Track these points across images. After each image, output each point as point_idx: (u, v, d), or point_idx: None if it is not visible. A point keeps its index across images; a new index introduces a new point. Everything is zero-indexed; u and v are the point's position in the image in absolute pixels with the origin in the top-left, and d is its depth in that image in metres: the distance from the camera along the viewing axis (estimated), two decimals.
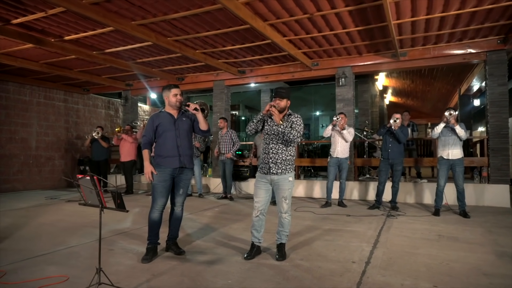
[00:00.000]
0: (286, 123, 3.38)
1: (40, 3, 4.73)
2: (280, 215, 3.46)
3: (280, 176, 3.38)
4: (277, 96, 3.37)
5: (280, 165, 3.38)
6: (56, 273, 3.04)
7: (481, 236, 4.28)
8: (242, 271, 3.11)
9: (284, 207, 3.42)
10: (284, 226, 3.46)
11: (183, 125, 3.56)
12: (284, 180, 3.38)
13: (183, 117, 3.60)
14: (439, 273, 3.03)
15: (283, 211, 3.43)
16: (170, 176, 3.47)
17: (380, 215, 5.59)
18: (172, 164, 3.45)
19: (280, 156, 3.39)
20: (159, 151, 3.51)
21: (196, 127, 3.62)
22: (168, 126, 3.49)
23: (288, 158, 3.42)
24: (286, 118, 3.42)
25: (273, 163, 3.39)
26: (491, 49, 6.50)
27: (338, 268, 3.17)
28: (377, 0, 4.56)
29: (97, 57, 7.16)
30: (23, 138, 9.34)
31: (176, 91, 3.53)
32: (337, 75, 7.73)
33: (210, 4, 4.76)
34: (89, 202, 2.49)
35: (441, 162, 5.54)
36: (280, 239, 3.48)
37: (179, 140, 3.49)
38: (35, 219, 5.39)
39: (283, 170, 3.38)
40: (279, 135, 3.39)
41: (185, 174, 3.57)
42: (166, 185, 3.46)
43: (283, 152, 3.40)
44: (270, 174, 3.40)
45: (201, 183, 7.98)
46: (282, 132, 3.36)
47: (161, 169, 3.44)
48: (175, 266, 3.23)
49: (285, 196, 3.40)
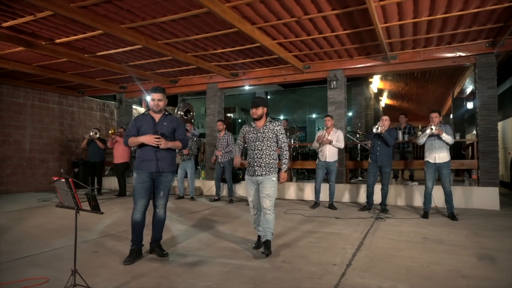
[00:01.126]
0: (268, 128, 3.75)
1: (29, 7, 4.76)
2: (264, 211, 3.68)
3: (264, 177, 3.69)
4: (254, 106, 3.72)
5: (264, 167, 3.70)
6: (37, 275, 3.05)
7: (465, 238, 4.29)
8: (223, 273, 3.13)
9: (267, 203, 3.65)
10: (268, 223, 3.66)
11: (163, 129, 3.53)
12: (268, 179, 3.69)
13: (164, 121, 3.57)
14: (419, 275, 3.05)
15: (266, 207, 3.65)
16: (148, 178, 3.49)
17: (369, 218, 5.60)
18: (149, 168, 3.46)
19: (264, 160, 3.71)
20: (138, 153, 3.53)
21: (177, 136, 3.63)
22: (147, 129, 3.49)
23: (271, 161, 3.73)
24: (268, 124, 3.76)
25: (258, 166, 3.71)
26: (480, 52, 6.53)
27: (319, 270, 3.18)
28: (363, 4, 4.59)
29: (89, 60, 7.19)
30: (17, 140, 9.36)
31: (156, 95, 3.49)
32: (329, 78, 7.77)
33: (197, 7, 4.79)
34: (65, 204, 2.50)
35: (427, 165, 5.57)
36: (266, 236, 3.68)
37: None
38: (23, 222, 5.40)
39: (266, 172, 3.70)
40: (264, 142, 3.72)
41: (164, 177, 3.56)
42: (145, 187, 3.47)
43: (266, 157, 3.72)
44: (256, 176, 3.72)
45: (193, 185, 7.99)
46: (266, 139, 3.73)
47: (140, 171, 3.48)
48: (156, 268, 3.24)
49: (268, 193, 3.66)
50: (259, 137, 3.73)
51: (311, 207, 6.53)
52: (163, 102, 3.53)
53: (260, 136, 3.73)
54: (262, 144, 3.71)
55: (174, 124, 3.62)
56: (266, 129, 3.74)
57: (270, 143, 3.73)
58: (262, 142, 3.71)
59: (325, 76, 7.85)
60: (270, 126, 3.75)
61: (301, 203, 7.19)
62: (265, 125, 3.75)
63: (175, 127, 3.63)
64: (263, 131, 3.74)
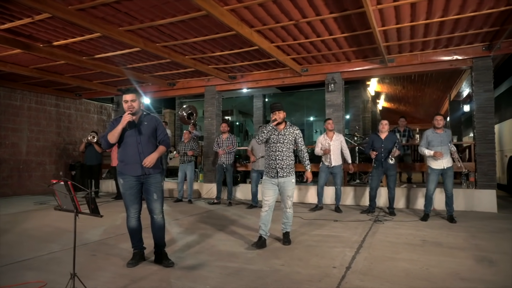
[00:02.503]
0: (288, 131, 4.02)
1: (26, 9, 4.74)
2: (285, 210, 4.11)
3: (286, 179, 3.98)
4: (276, 110, 3.96)
5: (285, 169, 3.97)
6: (35, 278, 3.03)
7: (463, 241, 4.30)
8: (222, 276, 3.12)
9: (288, 204, 4.07)
10: (288, 218, 4.13)
11: (145, 130, 3.35)
12: (289, 181, 4.00)
13: (144, 121, 3.38)
14: (417, 278, 3.05)
15: (288, 207, 4.09)
16: (136, 182, 3.32)
17: (367, 220, 5.61)
18: (134, 172, 3.29)
19: (285, 162, 3.98)
20: (121, 157, 3.36)
21: (159, 135, 3.44)
22: (129, 131, 3.29)
23: (291, 163, 4.04)
24: (288, 127, 4.04)
25: (280, 168, 3.96)
26: (477, 55, 6.58)
27: (318, 273, 3.17)
28: (361, 7, 4.62)
29: (87, 63, 7.17)
30: (14, 143, 9.30)
31: (128, 97, 3.24)
32: (327, 81, 7.79)
33: (195, 10, 4.79)
34: (64, 207, 2.49)
35: (432, 169, 5.54)
36: (285, 228, 4.18)
37: (140, 146, 3.30)
38: (20, 225, 5.36)
39: (287, 173, 3.98)
40: (284, 144, 3.97)
41: (153, 178, 3.36)
42: (133, 192, 3.32)
43: (287, 159, 3.99)
44: (278, 178, 3.97)
45: (192, 188, 7.95)
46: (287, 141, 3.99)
47: (125, 177, 3.30)
48: (155, 272, 3.22)
49: (290, 195, 4.04)
50: (280, 139, 3.98)
51: (311, 210, 6.51)
52: (137, 103, 3.28)
53: (281, 138, 3.98)
54: (283, 146, 3.96)
55: (153, 123, 3.42)
56: (287, 132, 4.01)
57: (290, 145, 4.01)
58: (283, 144, 3.97)
59: (323, 79, 7.87)
60: (290, 130, 4.03)
61: (301, 206, 7.17)
62: (285, 128, 4.03)
63: (156, 126, 3.43)
64: (284, 133, 4.00)
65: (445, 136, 5.52)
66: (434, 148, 5.49)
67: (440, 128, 5.52)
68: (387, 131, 6.10)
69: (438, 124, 5.51)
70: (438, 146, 5.47)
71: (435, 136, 5.53)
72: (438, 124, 5.51)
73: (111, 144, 3.27)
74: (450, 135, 5.62)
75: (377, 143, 6.03)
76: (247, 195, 8.17)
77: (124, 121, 3.19)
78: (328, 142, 6.45)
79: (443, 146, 5.46)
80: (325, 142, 6.48)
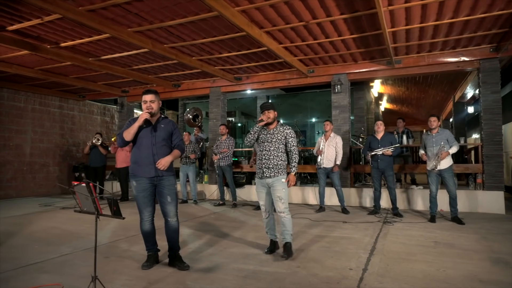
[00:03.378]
0: (278, 131, 3.80)
1: (37, 10, 4.72)
2: (280, 215, 3.73)
3: (274, 179, 3.70)
4: (265, 109, 3.77)
5: (272, 169, 3.72)
6: (49, 281, 3.00)
7: (476, 242, 4.29)
8: (239, 278, 3.09)
9: (280, 206, 3.69)
10: (285, 225, 3.71)
11: (161, 132, 3.33)
12: (278, 181, 3.69)
13: (162, 123, 3.38)
14: (436, 280, 3.03)
15: (280, 210, 3.70)
16: (149, 185, 3.28)
17: (376, 222, 5.59)
18: (147, 174, 3.25)
19: (272, 162, 3.73)
20: (134, 158, 3.32)
21: (174, 139, 3.44)
22: (144, 132, 3.28)
23: (279, 163, 3.75)
24: (279, 127, 3.83)
25: (266, 168, 3.74)
26: (484, 57, 6.58)
27: (335, 275, 3.15)
28: (372, 8, 4.61)
29: (93, 64, 7.15)
30: (18, 144, 9.26)
31: (148, 97, 3.26)
32: (333, 82, 7.78)
33: (206, 11, 4.78)
34: (84, 209, 2.46)
35: (430, 171, 5.58)
36: (285, 239, 3.71)
37: (155, 148, 3.27)
38: (28, 227, 5.32)
39: (275, 173, 3.71)
40: (272, 143, 3.75)
41: (166, 180, 3.32)
42: (146, 195, 3.29)
43: (274, 159, 3.74)
44: (265, 178, 3.74)
45: (195, 190, 7.94)
46: (275, 141, 3.76)
47: (138, 179, 3.27)
48: (171, 274, 3.20)
49: (280, 195, 3.67)
50: (268, 138, 3.80)
51: (316, 211, 6.53)
52: (155, 104, 3.29)
53: (269, 137, 3.79)
54: (271, 145, 3.76)
55: (170, 127, 3.41)
56: (277, 131, 3.81)
57: (279, 145, 3.76)
58: (270, 143, 3.77)
59: (329, 80, 7.86)
60: (280, 129, 3.82)
61: (306, 207, 7.17)
62: (276, 127, 3.83)
63: (172, 131, 3.42)
64: (273, 132, 3.81)
65: (439, 137, 5.50)
66: (428, 149, 5.57)
67: (434, 129, 5.55)
68: (383, 131, 6.14)
69: (431, 125, 5.57)
70: (431, 147, 5.53)
71: (428, 138, 5.62)
72: (431, 125, 5.57)
73: (126, 141, 3.25)
74: (448, 135, 5.52)
75: (374, 144, 6.12)
76: (253, 196, 8.15)
77: (141, 119, 3.20)
78: (323, 143, 6.52)
79: (435, 147, 5.49)
80: (320, 143, 6.59)
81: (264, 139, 3.82)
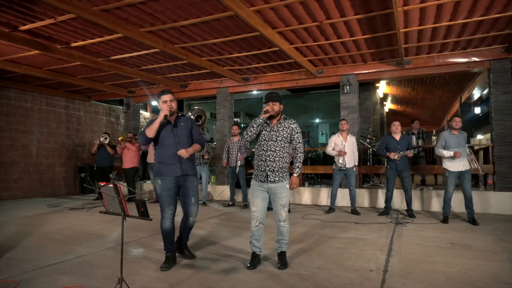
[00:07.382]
0: (282, 127, 3.36)
1: (50, 10, 4.71)
2: (279, 224, 3.37)
3: (278, 184, 3.29)
4: (270, 100, 3.29)
5: (277, 172, 3.29)
6: (70, 283, 2.98)
7: (493, 244, 4.26)
8: (260, 280, 3.07)
9: (282, 215, 3.33)
10: (283, 235, 3.39)
11: (182, 130, 3.43)
12: (282, 188, 3.30)
13: (181, 122, 3.47)
14: (459, 281, 3.01)
15: (282, 219, 3.34)
16: (174, 184, 3.38)
17: (388, 223, 5.57)
18: (174, 172, 3.36)
19: (277, 164, 3.29)
20: (159, 158, 3.41)
21: (193, 134, 3.52)
22: (166, 133, 3.37)
23: (285, 165, 3.34)
24: (282, 121, 3.39)
25: (271, 171, 3.29)
26: (495, 57, 6.56)
27: (357, 277, 3.13)
28: (387, 9, 4.60)
29: (102, 64, 7.13)
30: (24, 145, 9.24)
31: (167, 97, 3.34)
32: (342, 82, 7.76)
33: (220, 11, 4.76)
34: (110, 210, 2.44)
35: (450, 172, 5.51)
36: (280, 247, 3.42)
37: (179, 146, 3.35)
38: (40, 228, 5.30)
39: (280, 178, 3.29)
40: (277, 142, 3.30)
41: (190, 181, 3.46)
42: (171, 194, 3.38)
43: (280, 160, 3.29)
44: (268, 182, 3.30)
45: (206, 191, 7.90)
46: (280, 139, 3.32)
47: (163, 177, 3.36)
48: (191, 275, 3.17)
49: (283, 204, 3.32)
50: (272, 136, 3.30)
51: (326, 212, 6.49)
52: (175, 103, 3.39)
53: (274, 135, 3.30)
54: (276, 145, 3.28)
55: (189, 123, 3.52)
56: (281, 127, 3.33)
57: (284, 143, 3.31)
58: (275, 142, 3.29)
59: (338, 81, 7.84)
60: (285, 124, 3.35)
61: (316, 208, 7.14)
62: (279, 122, 3.35)
63: (191, 127, 3.52)
64: (277, 129, 3.32)
65: (462, 137, 5.50)
66: (451, 149, 5.46)
67: (457, 129, 5.51)
68: (400, 132, 6.10)
69: (457, 125, 5.49)
70: (455, 148, 5.44)
71: (452, 138, 5.51)
72: (457, 125, 5.49)
73: (148, 138, 3.32)
74: (466, 137, 5.59)
75: (392, 144, 6.03)
76: None
77: (162, 114, 3.26)
78: (343, 143, 6.41)
79: (460, 148, 5.44)
80: (340, 143, 6.43)
81: (267, 137, 3.32)
